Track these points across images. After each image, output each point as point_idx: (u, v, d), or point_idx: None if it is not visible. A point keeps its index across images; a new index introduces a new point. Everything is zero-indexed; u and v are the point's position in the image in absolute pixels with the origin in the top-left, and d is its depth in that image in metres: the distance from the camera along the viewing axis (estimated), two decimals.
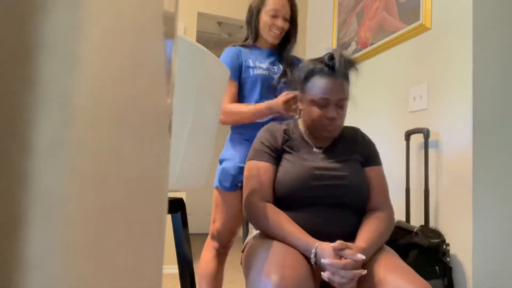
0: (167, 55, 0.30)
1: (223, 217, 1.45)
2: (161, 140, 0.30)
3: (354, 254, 0.90)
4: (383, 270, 0.91)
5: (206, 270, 1.46)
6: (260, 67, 1.47)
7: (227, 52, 1.50)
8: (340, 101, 1.07)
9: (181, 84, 0.67)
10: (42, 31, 0.20)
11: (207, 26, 3.97)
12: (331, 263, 0.88)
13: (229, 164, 1.43)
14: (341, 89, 1.06)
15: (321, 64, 1.09)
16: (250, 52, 1.51)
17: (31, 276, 0.19)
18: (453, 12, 1.60)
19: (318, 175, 1.05)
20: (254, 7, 1.51)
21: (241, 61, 1.48)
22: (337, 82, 1.06)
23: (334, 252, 0.90)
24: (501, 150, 1.50)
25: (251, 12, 1.52)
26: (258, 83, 1.45)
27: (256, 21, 1.50)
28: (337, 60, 1.05)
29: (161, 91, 0.29)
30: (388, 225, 1.06)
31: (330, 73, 1.06)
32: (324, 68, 1.07)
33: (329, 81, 1.06)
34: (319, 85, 1.07)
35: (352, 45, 2.31)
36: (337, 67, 1.05)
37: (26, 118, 0.20)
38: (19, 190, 0.19)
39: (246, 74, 1.47)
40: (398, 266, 0.92)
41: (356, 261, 0.89)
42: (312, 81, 1.09)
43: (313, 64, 1.10)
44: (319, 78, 1.07)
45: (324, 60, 1.09)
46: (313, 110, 1.08)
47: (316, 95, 1.07)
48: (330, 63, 1.07)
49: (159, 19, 0.29)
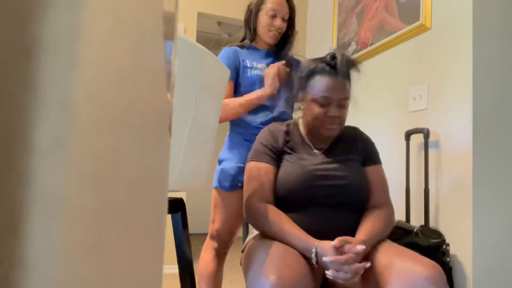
0: (167, 55, 0.30)
1: (222, 217, 1.45)
2: (161, 140, 0.30)
3: (354, 247, 0.90)
4: (387, 256, 0.91)
5: (206, 270, 1.46)
6: (258, 68, 1.47)
7: (224, 52, 1.50)
8: (342, 100, 1.07)
9: (181, 84, 0.67)
10: (42, 31, 0.20)
11: (207, 26, 3.96)
12: (332, 260, 0.88)
13: (228, 165, 1.43)
14: (342, 88, 1.06)
15: (322, 64, 1.09)
16: (247, 53, 1.51)
17: (31, 276, 0.19)
18: (453, 12, 1.60)
19: (318, 176, 1.05)
20: (253, 7, 1.51)
21: (239, 62, 1.48)
22: (338, 81, 1.06)
23: (335, 250, 0.91)
24: (501, 150, 1.50)
25: (250, 12, 1.52)
26: (256, 84, 1.46)
27: (255, 21, 1.50)
28: (339, 60, 1.06)
29: (161, 91, 0.29)
30: (388, 223, 1.06)
31: (332, 72, 1.07)
32: (326, 67, 1.08)
33: (330, 80, 1.06)
34: (321, 84, 1.06)
35: (352, 45, 2.31)
36: (339, 66, 1.05)
37: (26, 118, 0.20)
38: (19, 190, 0.19)
39: (244, 75, 1.47)
40: (402, 250, 0.92)
41: (356, 253, 0.89)
42: (313, 80, 1.09)
43: (315, 63, 1.10)
44: (320, 77, 1.07)
45: (326, 60, 1.09)
46: (314, 109, 1.08)
47: (318, 94, 1.07)
48: (332, 62, 1.07)
49: (159, 19, 0.29)
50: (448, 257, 1.46)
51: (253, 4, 1.51)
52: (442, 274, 0.84)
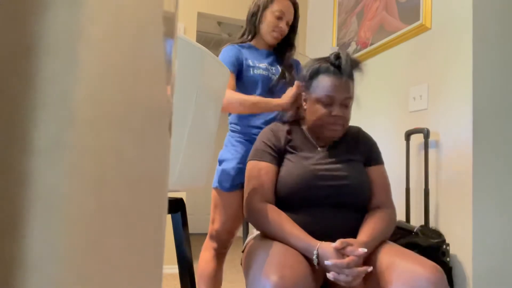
0: (167, 55, 0.30)
1: (222, 217, 1.45)
2: (161, 140, 0.30)
3: (356, 249, 0.90)
4: (389, 256, 0.91)
5: (205, 270, 1.46)
6: (260, 67, 1.47)
7: (227, 49, 1.49)
8: (345, 100, 1.07)
9: (181, 84, 0.67)
10: (42, 30, 0.20)
11: (207, 26, 3.97)
12: (334, 263, 0.88)
13: (229, 165, 1.43)
14: (346, 88, 1.07)
15: (326, 63, 1.09)
16: (248, 52, 1.51)
17: (31, 276, 0.19)
18: (453, 12, 1.60)
19: (320, 176, 1.05)
20: (261, 4, 1.50)
21: (242, 59, 1.47)
22: (342, 80, 1.06)
23: (336, 252, 0.90)
24: (501, 150, 1.50)
25: (257, 8, 1.50)
26: (259, 83, 1.45)
27: (260, 17, 1.49)
28: (343, 59, 1.06)
29: (161, 91, 0.29)
30: (390, 224, 1.06)
31: (336, 72, 1.07)
32: (330, 67, 1.08)
33: (335, 79, 1.06)
34: (325, 84, 1.07)
35: (352, 45, 2.31)
36: (343, 66, 1.06)
37: (26, 118, 0.20)
38: (19, 190, 0.19)
39: (247, 73, 1.46)
40: (404, 251, 0.92)
41: (358, 256, 0.89)
42: (317, 79, 1.09)
43: (319, 63, 1.11)
44: (324, 77, 1.08)
45: (330, 59, 1.10)
46: (318, 108, 1.08)
47: (322, 93, 1.07)
48: (336, 62, 1.08)
49: (159, 19, 0.29)
50: (448, 257, 1.46)
51: (261, 1, 1.50)
52: (443, 275, 0.84)
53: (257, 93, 1.45)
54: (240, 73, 1.47)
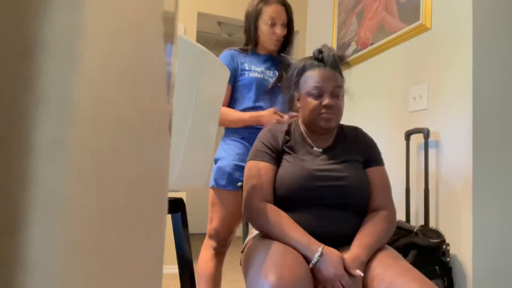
0: (167, 55, 0.30)
1: (220, 215, 1.45)
2: (161, 140, 0.30)
3: (353, 270, 0.91)
4: (392, 274, 0.90)
5: (205, 270, 1.46)
6: (255, 71, 1.50)
7: (223, 55, 1.53)
8: (335, 89, 1.10)
9: (181, 84, 0.67)
10: (42, 31, 0.20)
11: (207, 26, 3.97)
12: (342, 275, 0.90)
13: (224, 163, 1.46)
14: (333, 78, 1.11)
15: (311, 60, 1.15)
16: (246, 56, 1.53)
17: (31, 276, 0.19)
18: (453, 12, 1.60)
19: (318, 176, 1.05)
20: (251, 18, 1.52)
21: (237, 64, 1.49)
22: (327, 71, 1.11)
23: (342, 261, 0.92)
24: (501, 150, 1.50)
25: (249, 22, 1.53)
26: (253, 85, 1.48)
27: (255, 30, 1.52)
28: (325, 53, 1.12)
29: (161, 91, 0.29)
30: (389, 225, 1.05)
31: (320, 65, 1.13)
32: (314, 62, 1.14)
33: (320, 70, 1.11)
34: (311, 76, 1.11)
35: (352, 45, 2.31)
36: (326, 58, 1.12)
37: (26, 118, 0.20)
38: (19, 190, 0.19)
39: (242, 77, 1.49)
40: (407, 269, 0.91)
41: (354, 275, 0.91)
42: (304, 75, 1.14)
43: (304, 61, 1.17)
44: (310, 71, 1.13)
45: (313, 55, 1.16)
46: (310, 101, 1.11)
47: (310, 86, 1.11)
48: (319, 56, 1.14)
49: (159, 19, 0.29)
50: (448, 257, 1.46)
51: (250, 15, 1.52)
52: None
53: (251, 95, 1.48)
54: (235, 79, 1.51)
